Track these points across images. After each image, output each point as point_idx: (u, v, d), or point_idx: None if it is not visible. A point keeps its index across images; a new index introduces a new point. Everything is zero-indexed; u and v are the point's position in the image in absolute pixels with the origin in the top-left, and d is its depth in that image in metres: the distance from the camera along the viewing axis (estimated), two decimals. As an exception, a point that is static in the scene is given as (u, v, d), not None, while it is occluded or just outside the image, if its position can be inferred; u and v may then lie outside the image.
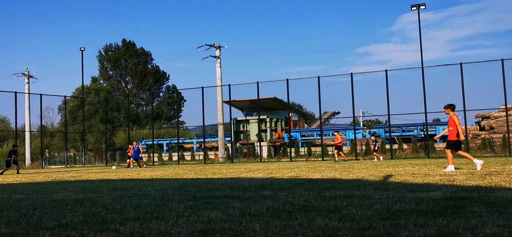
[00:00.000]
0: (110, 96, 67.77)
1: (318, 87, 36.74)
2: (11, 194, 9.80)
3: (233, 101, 43.84)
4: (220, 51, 47.04)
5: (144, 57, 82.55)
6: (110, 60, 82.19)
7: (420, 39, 35.45)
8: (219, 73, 46.58)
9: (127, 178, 15.15)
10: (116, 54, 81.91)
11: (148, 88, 79.47)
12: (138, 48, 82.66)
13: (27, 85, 53.54)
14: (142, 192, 9.06)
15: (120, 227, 4.90)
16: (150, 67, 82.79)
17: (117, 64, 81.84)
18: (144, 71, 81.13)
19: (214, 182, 11.63)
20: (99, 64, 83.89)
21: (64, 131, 52.17)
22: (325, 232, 4.29)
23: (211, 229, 4.59)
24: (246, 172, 16.85)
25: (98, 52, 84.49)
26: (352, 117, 37.45)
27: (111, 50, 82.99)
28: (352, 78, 35.53)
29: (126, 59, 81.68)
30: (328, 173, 14.16)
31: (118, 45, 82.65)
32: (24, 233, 4.74)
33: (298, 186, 9.45)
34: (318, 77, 36.87)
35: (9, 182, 15.43)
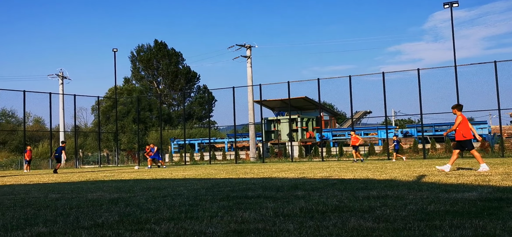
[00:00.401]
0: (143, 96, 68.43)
1: (349, 87, 36.54)
2: (47, 193, 9.98)
3: (264, 101, 43.87)
4: (250, 51, 47.12)
5: (176, 57, 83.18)
6: (142, 60, 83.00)
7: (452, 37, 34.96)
8: (250, 73, 46.66)
9: (160, 178, 15.29)
10: (148, 54, 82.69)
11: (179, 88, 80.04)
12: (169, 48, 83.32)
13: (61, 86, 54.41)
14: (176, 192, 9.13)
15: (155, 226, 4.95)
16: (181, 68, 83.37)
17: (149, 65, 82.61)
18: (175, 71, 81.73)
19: (246, 182, 11.66)
20: (132, 64, 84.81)
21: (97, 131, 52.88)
22: (360, 232, 4.27)
23: (245, 229, 4.61)
24: (277, 172, 16.85)
25: (130, 53, 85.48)
26: (384, 117, 37.16)
27: (143, 50, 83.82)
28: (383, 77, 35.25)
29: (158, 59, 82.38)
30: (361, 173, 14.08)
31: (150, 46, 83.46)
32: (62, 232, 4.82)
33: (330, 186, 9.42)
34: (349, 76, 36.67)
35: (45, 181, 15.70)
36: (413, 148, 40.89)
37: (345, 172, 15.35)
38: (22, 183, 15.12)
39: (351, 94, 36.56)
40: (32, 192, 10.46)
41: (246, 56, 47.02)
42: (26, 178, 19.28)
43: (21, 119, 58.90)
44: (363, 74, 40.14)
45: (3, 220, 5.84)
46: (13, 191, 10.97)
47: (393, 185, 9.17)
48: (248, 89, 45.47)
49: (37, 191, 10.93)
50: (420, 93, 33.86)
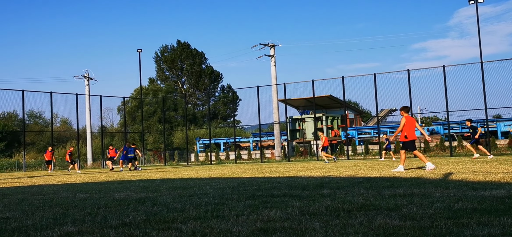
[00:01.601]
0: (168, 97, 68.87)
1: (374, 84, 36.29)
2: (75, 193, 10.11)
3: (288, 99, 43.82)
4: (274, 50, 47.10)
5: (199, 57, 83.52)
6: (166, 61, 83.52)
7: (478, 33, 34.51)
8: (274, 72, 46.65)
9: (186, 177, 15.38)
10: (172, 55, 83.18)
11: (204, 88, 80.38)
12: (192, 48, 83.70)
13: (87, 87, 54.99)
14: (202, 191, 9.18)
15: (182, 226, 4.99)
16: (205, 67, 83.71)
17: (173, 65, 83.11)
18: (199, 71, 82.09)
19: (271, 181, 11.67)
20: (156, 65, 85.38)
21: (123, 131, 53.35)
22: (386, 231, 4.26)
23: (271, 228, 4.62)
24: (303, 171, 16.83)
25: (155, 53, 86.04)
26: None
27: (167, 51, 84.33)
28: (409, 74, 34.94)
29: (182, 60, 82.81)
30: (387, 172, 14.00)
31: (173, 46, 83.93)
32: (90, 232, 4.88)
33: (356, 184, 9.39)
34: (374, 74, 36.42)
35: (73, 182, 15.90)
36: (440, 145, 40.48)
37: (371, 170, 15.27)
38: (51, 183, 15.33)
39: (376, 92, 36.31)
40: (60, 192, 10.60)
41: (270, 55, 47.01)
42: (54, 178, 19.55)
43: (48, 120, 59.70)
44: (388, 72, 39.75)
45: (32, 220, 5.94)
46: (42, 191, 11.14)
47: (420, 183, 9.10)
48: (272, 88, 45.46)
49: (66, 191, 11.08)
50: (446, 90, 33.50)
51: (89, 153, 53.05)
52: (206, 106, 79.70)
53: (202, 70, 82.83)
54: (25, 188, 12.81)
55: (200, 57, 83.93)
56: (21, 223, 5.66)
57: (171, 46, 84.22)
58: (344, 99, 39.86)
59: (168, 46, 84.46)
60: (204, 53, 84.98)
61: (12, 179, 20.60)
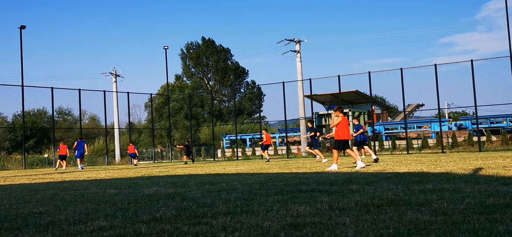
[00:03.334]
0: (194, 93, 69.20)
1: (401, 79, 36.04)
2: (105, 189, 10.23)
3: (314, 95, 43.71)
4: (300, 46, 47.02)
5: (224, 53, 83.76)
6: (192, 58, 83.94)
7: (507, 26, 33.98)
8: (300, 68, 46.57)
9: (213, 173, 15.46)
10: (197, 51, 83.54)
11: (229, 84, 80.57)
12: (217, 45, 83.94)
13: (114, 84, 55.51)
14: (230, 186, 9.23)
15: (212, 220, 5.02)
16: (230, 64, 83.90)
17: (198, 62, 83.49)
18: (224, 67, 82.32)
19: (299, 176, 11.67)
20: (182, 62, 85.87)
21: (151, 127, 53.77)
22: (417, 226, 4.24)
23: (301, 223, 4.64)
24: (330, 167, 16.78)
25: (180, 50, 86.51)
26: (437, 109, 36.49)
27: (192, 48, 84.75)
28: (436, 69, 34.61)
29: (207, 56, 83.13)
30: (415, 167, 13.90)
31: (198, 43, 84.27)
32: (122, 226, 4.94)
33: (385, 179, 9.34)
34: (400, 69, 36.17)
35: (102, 177, 16.09)
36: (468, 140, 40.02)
37: (399, 165, 15.18)
38: (80, 179, 15.53)
39: (403, 87, 36.06)
40: (90, 188, 10.74)
41: (295, 50, 46.94)
42: (83, 174, 19.80)
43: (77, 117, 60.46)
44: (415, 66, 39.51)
45: (65, 215, 6.03)
46: (73, 187, 11.30)
47: (449, 178, 9.02)
48: (298, 84, 45.39)
49: (95, 186, 11.22)
50: (474, 85, 33.11)
51: (117, 149, 53.56)
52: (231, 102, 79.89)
53: (228, 66, 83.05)
54: (56, 184, 13.01)
55: (225, 53, 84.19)
56: (55, 218, 5.76)
57: (196, 43, 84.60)
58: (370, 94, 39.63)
59: (193, 43, 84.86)
60: (230, 49, 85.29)
61: (43, 175, 20.92)
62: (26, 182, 14.64)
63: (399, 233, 3.99)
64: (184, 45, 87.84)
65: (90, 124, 72.06)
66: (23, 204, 7.63)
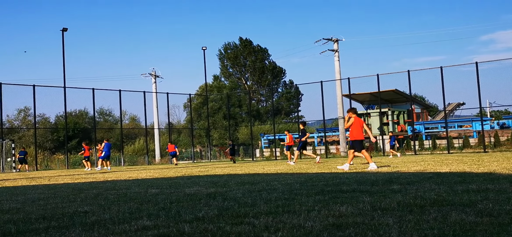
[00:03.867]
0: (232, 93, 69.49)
1: (441, 78, 35.55)
2: (147, 189, 10.37)
3: (352, 94, 43.42)
4: (338, 45, 46.77)
5: (261, 53, 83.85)
6: (230, 58, 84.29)
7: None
8: (338, 67, 46.33)
9: (252, 173, 15.51)
10: (235, 52, 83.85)
11: (267, 84, 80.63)
12: (255, 45, 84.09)
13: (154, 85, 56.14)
14: (270, 186, 9.25)
15: (254, 220, 5.05)
16: (267, 63, 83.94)
17: (236, 62, 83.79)
18: (262, 67, 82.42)
19: (339, 176, 11.63)
20: (220, 62, 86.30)
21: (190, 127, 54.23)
22: (462, 227, 4.19)
23: (344, 223, 4.63)
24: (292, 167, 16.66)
25: (218, 51, 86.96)
26: (478, 108, 35.87)
27: (230, 48, 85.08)
28: (477, 67, 34.04)
29: (245, 56, 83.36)
30: (457, 166, 13.70)
31: (236, 44, 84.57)
32: (165, 226, 5.01)
33: (426, 179, 9.24)
34: (440, 67, 35.69)
35: (142, 177, 16.30)
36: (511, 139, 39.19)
37: (440, 165, 14.97)
38: (122, 179, 15.77)
39: (443, 86, 35.57)
40: (132, 187, 10.91)
41: (333, 49, 46.72)
42: (125, 174, 20.09)
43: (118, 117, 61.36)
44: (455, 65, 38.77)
45: (110, 214, 6.15)
46: (115, 187, 11.48)
47: (493, 178, 8.87)
48: (336, 83, 45.17)
49: (137, 186, 11.39)
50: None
51: (157, 149, 54.14)
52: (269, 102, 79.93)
53: (265, 66, 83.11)
54: (98, 183, 13.24)
55: (263, 53, 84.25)
56: (99, 217, 5.87)
57: (233, 43, 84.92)
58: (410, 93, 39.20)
59: (231, 43, 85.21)
60: (267, 49, 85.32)
61: (85, 174, 21.31)
62: (70, 182, 14.94)
63: (444, 234, 3.95)
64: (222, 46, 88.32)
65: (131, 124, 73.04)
66: (68, 203, 7.80)
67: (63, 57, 41.68)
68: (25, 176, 22.58)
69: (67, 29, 41.94)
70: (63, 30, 41.71)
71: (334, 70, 46.52)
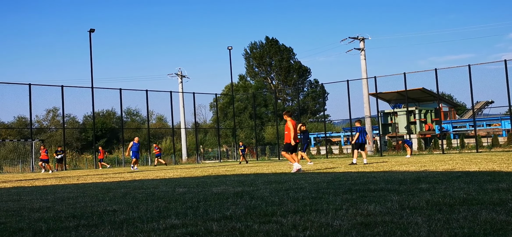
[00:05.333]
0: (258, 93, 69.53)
1: (469, 76, 35.15)
2: (175, 187, 10.43)
3: (379, 93, 43.14)
4: (364, 43, 46.50)
5: (287, 53, 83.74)
6: (255, 57, 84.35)
7: None
8: (364, 65, 46.06)
9: (279, 172, 15.51)
10: (261, 51, 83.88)
11: (292, 84, 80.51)
12: (280, 44, 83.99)
13: (180, 85, 56.46)
14: (297, 185, 9.24)
15: (282, 219, 5.05)
16: (293, 63, 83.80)
17: (262, 61, 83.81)
18: (287, 67, 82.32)
19: (366, 175, 11.56)
20: (245, 62, 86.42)
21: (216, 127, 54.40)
22: (493, 226, 4.13)
23: (372, 222, 4.60)
24: (397, 166, 16.55)
25: (244, 50, 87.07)
26: (507, 106, 35.35)
27: (255, 48, 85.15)
28: (506, 65, 33.57)
29: (270, 56, 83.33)
30: (486, 165, 13.52)
31: (262, 43, 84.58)
32: (193, 224, 5.03)
33: (455, 178, 9.14)
34: (468, 65, 35.28)
35: (170, 176, 16.41)
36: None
37: (469, 164, 14.80)
38: (150, 178, 15.90)
39: (471, 84, 35.16)
40: (160, 187, 10.98)
41: (359, 48, 46.46)
42: (152, 173, 20.25)
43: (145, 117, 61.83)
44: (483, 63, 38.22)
45: (138, 212, 6.20)
46: (143, 186, 11.58)
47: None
48: (362, 82, 44.92)
49: (165, 185, 11.46)
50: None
51: (184, 148, 54.43)
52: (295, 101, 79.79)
53: (291, 66, 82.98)
54: (126, 183, 13.36)
55: (288, 52, 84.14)
56: (128, 216, 5.93)
57: (259, 43, 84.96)
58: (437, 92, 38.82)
59: (257, 43, 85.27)
60: (292, 49, 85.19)
61: (113, 174, 21.53)
62: (98, 181, 15.10)
63: (474, 233, 3.90)
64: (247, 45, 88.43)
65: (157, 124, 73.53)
66: (97, 202, 7.88)
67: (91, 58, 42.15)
68: (55, 176, 22.90)
69: (94, 30, 42.41)
70: (90, 31, 42.18)
71: (360, 69, 46.28)
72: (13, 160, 42.72)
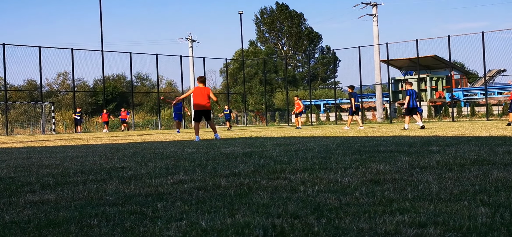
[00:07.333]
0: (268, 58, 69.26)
1: (482, 44, 34.78)
2: (183, 148, 10.44)
3: (391, 60, 42.85)
4: (376, 9, 46.04)
5: (297, 18, 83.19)
6: (266, 23, 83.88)
7: None
8: (376, 32, 45.66)
9: (288, 136, 15.48)
10: (271, 17, 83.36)
11: (303, 50, 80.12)
12: (291, 10, 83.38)
13: (190, 49, 56.29)
14: (306, 147, 9.20)
15: (291, 176, 5.02)
16: (304, 29, 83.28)
17: (272, 27, 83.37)
18: (298, 32, 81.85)
19: (375, 139, 11.51)
20: (256, 27, 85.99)
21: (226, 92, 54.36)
22: (505, 184, 4.08)
23: (382, 179, 4.55)
24: (406, 131, 16.46)
25: (254, 16, 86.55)
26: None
27: (266, 13, 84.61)
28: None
29: (281, 21, 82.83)
30: (496, 132, 13.43)
31: (272, 8, 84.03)
32: (201, 180, 5.02)
33: (466, 142, 9.07)
34: (482, 32, 34.88)
35: (179, 139, 16.43)
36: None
37: (479, 130, 14.70)
38: (159, 140, 15.93)
39: (484, 52, 34.83)
40: (169, 147, 10.99)
41: (372, 14, 46.01)
42: (161, 136, 20.30)
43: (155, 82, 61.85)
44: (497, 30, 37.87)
45: (146, 169, 6.19)
46: (152, 147, 11.59)
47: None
48: (374, 48, 44.58)
49: (174, 146, 11.47)
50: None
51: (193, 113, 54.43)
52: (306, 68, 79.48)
53: (301, 32, 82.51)
54: (135, 144, 13.39)
55: (299, 18, 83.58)
56: (136, 172, 5.92)
57: (270, 8, 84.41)
58: (449, 59, 38.50)
59: (267, 8, 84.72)
60: (303, 14, 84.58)
61: (123, 136, 21.60)
62: (108, 143, 15.14)
63: (485, 189, 3.85)
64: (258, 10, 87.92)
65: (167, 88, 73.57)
66: (105, 160, 7.89)
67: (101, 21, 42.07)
68: (65, 138, 23.00)
69: (105, -7, 42.21)
70: (101, -6, 41.99)
71: (373, 35, 45.89)
72: (23, 123, 43.02)
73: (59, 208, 3.72)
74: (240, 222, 3.00)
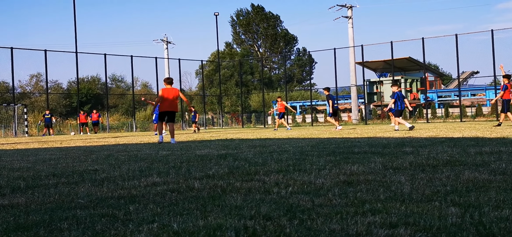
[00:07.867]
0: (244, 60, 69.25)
1: (455, 46, 35.17)
2: (158, 150, 10.38)
3: (366, 62, 43.13)
4: (352, 11, 46.34)
5: (273, 20, 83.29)
6: (242, 25, 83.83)
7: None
8: (351, 34, 45.95)
9: (264, 137, 15.49)
10: (247, 18, 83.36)
11: (279, 51, 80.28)
12: (267, 11, 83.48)
13: (166, 51, 56.06)
14: (281, 149, 9.21)
15: (265, 177, 5.02)
16: (280, 31, 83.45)
17: (248, 29, 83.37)
18: (274, 34, 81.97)
19: (350, 140, 11.57)
20: (232, 29, 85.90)
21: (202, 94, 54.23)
22: (476, 184, 4.13)
23: (355, 181, 4.58)
24: (382, 132, 16.58)
25: (230, 17, 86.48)
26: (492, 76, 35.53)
27: (242, 15, 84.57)
28: (492, 35, 33.57)
29: (257, 23, 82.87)
30: (469, 133, 13.59)
31: (248, 10, 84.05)
32: (175, 182, 4.99)
33: (439, 143, 9.16)
34: (455, 35, 35.25)
35: (154, 141, 16.33)
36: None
37: (453, 132, 14.87)
38: (134, 142, 15.81)
39: (457, 54, 35.22)
40: (143, 150, 10.92)
41: (347, 16, 46.29)
42: (136, 138, 20.15)
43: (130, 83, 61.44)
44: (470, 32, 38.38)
45: (119, 171, 6.14)
46: (126, 149, 11.50)
47: (506, 142, 8.79)
48: (349, 50, 44.85)
49: (148, 149, 11.40)
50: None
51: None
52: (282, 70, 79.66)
53: (277, 33, 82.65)
54: (110, 146, 13.28)
55: (275, 20, 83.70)
56: (109, 174, 5.87)
57: (246, 10, 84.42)
58: (424, 61, 38.88)
59: (243, 10, 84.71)
60: (279, 16, 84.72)
61: (97, 138, 21.41)
62: (82, 145, 14.99)
63: (457, 189, 3.89)
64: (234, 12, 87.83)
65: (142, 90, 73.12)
66: (78, 163, 7.81)
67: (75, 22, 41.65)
68: (38, 140, 22.72)
69: (79, -6, 41.82)
70: (75, -5, 41.57)
71: (348, 37, 46.16)
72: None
73: (29, 212, 3.67)
74: (212, 224, 2.99)
